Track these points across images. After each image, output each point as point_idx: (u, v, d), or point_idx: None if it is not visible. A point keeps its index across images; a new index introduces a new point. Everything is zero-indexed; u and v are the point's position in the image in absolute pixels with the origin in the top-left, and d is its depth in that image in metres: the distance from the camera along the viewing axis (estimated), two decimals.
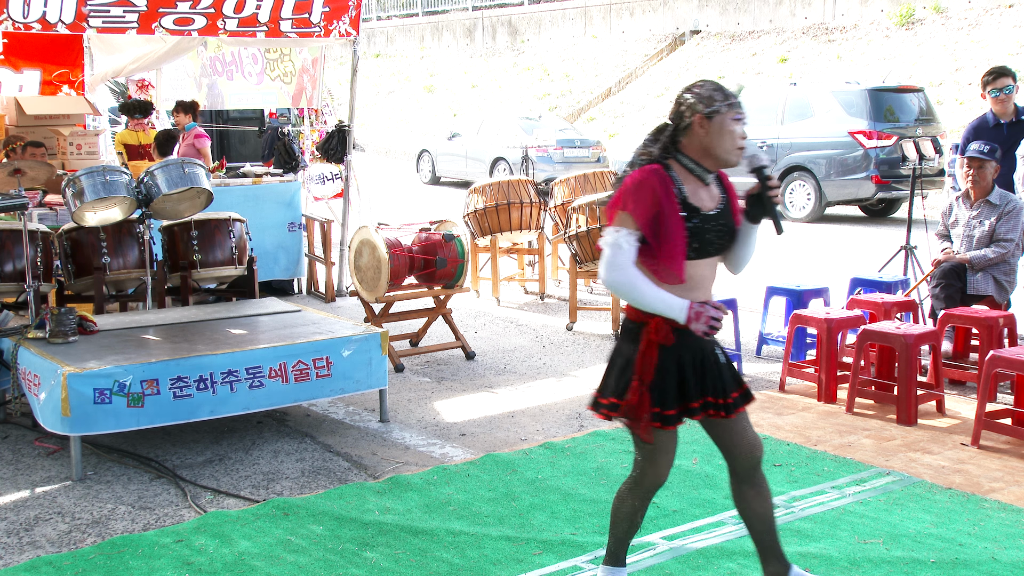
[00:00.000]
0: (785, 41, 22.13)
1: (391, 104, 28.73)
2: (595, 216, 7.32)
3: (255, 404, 5.03)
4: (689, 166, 3.08)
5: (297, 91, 11.23)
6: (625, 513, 3.31)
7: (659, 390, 3.04)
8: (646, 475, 3.20)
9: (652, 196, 2.99)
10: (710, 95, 3.05)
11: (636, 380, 3.04)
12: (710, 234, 3.06)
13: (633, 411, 3.04)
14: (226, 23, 7.79)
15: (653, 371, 3.03)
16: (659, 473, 3.18)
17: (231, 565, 3.72)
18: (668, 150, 3.11)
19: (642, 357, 3.03)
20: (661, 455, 3.15)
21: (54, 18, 7.09)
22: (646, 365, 3.03)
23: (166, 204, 6.31)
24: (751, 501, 3.26)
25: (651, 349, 3.03)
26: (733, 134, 3.04)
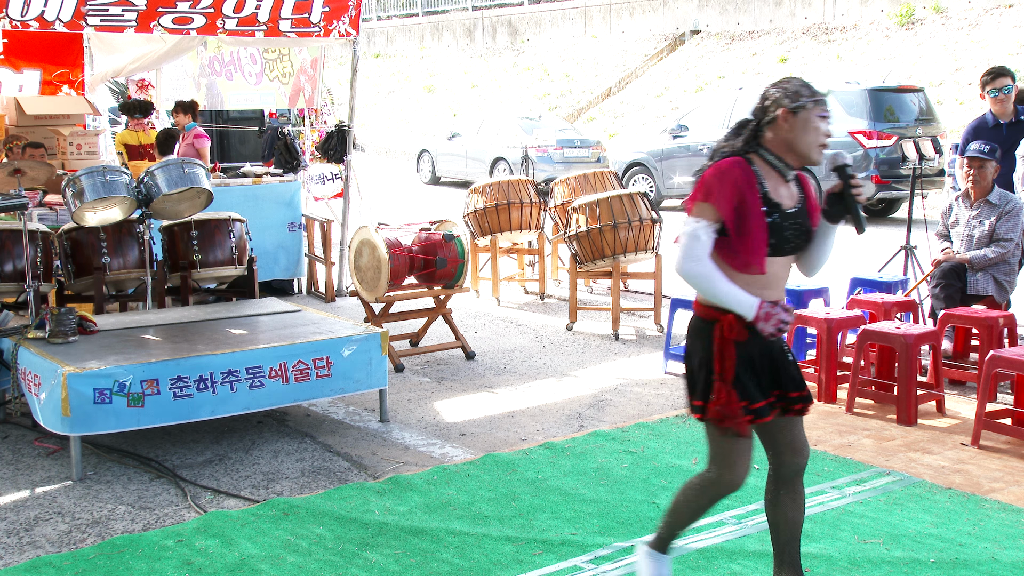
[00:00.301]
0: (785, 41, 22.12)
1: (391, 104, 28.73)
2: (595, 216, 7.32)
3: (255, 404, 5.03)
4: (771, 161, 3.06)
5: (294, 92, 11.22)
6: (690, 509, 3.25)
7: (742, 385, 3.02)
8: (723, 478, 3.13)
9: (734, 187, 2.98)
10: (796, 90, 3.04)
11: (717, 379, 3.01)
12: (788, 231, 3.04)
13: (726, 409, 3.01)
14: (225, 22, 7.79)
15: (732, 368, 3.01)
16: (736, 476, 3.13)
17: (231, 565, 3.71)
18: (750, 144, 3.09)
19: (719, 355, 3.02)
20: (742, 456, 3.10)
21: (52, 16, 7.09)
22: (725, 363, 3.01)
23: (166, 204, 6.31)
24: (786, 507, 3.23)
25: (727, 346, 3.01)
26: (817, 130, 3.02)
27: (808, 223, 3.12)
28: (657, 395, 5.99)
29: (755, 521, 4.06)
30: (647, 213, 7.42)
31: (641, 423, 5.36)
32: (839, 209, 3.11)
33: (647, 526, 4.02)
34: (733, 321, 2.99)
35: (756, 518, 4.09)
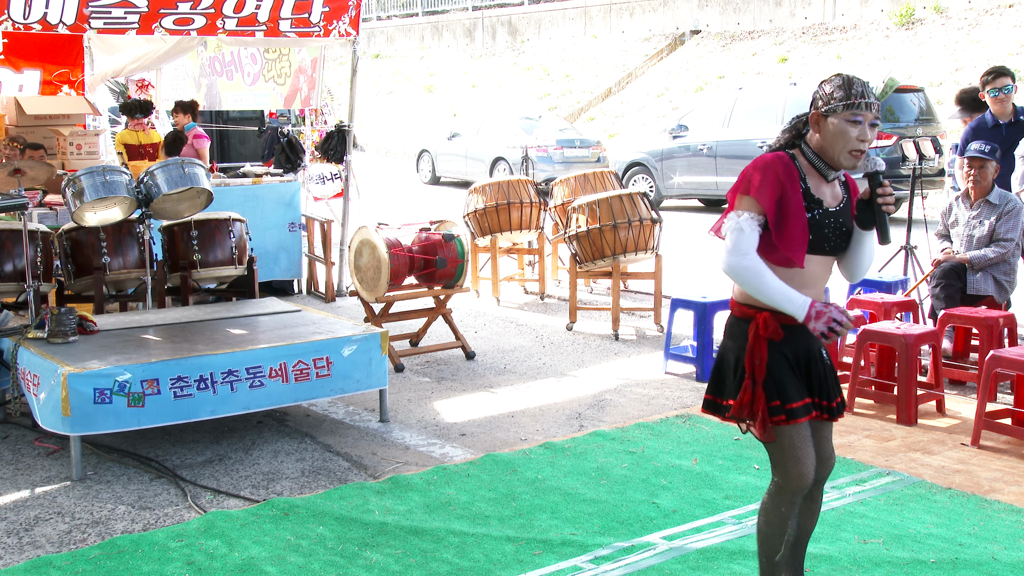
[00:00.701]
0: (785, 41, 22.12)
1: (391, 104, 28.72)
2: (595, 216, 7.32)
3: (255, 404, 5.03)
4: (811, 159, 3.00)
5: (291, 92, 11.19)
6: (775, 525, 3.08)
7: (775, 384, 2.93)
8: (790, 477, 2.99)
9: (776, 180, 2.91)
10: (832, 92, 2.94)
11: (748, 378, 2.94)
12: (827, 230, 2.97)
13: (748, 409, 2.94)
14: (225, 23, 7.79)
15: (764, 367, 2.93)
16: (803, 472, 2.98)
17: (232, 565, 3.71)
18: (794, 140, 3.04)
19: (751, 354, 2.94)
20: (802, 451, 2.97)
21: (55, 19, 7.09)
22: (756, 362, 2.93)
23: (166, 204, 6.31)
24: (801, 514, 3.16)
25: (760, 345, 2.93)
26: (846, 137, 2.92)
27: (850, 224, 3.03)
28: (657, 395, 5.99)
29: (755, 521, 4.06)
30: (647, 213, 7.42)
31: (641, 423, 5.36)
32: (868, 216, 3.02)
33: (647, 526, 4.03)
34: (769, 318, 2.92)
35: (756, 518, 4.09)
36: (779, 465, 3.00)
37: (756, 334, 2.93)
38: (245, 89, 11.69)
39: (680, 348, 6.59)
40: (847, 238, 3.04)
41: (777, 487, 3.04)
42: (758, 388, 2.92)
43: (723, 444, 5.01)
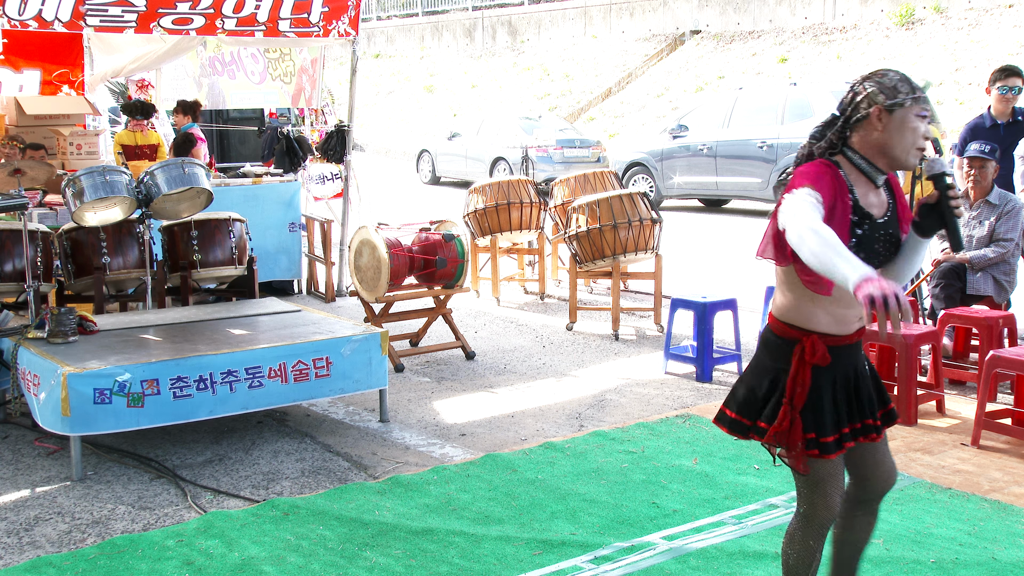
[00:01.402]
0: (785, 41, 22.12)
1: (391, 104, 28.73)
2: (595, 216, 7.32)
3: (254, 404, 5.03)
4: (860, 164, 2.74)
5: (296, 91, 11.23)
6: (803, 557, 2.90)
7: (813, 414, 2.74)
8: (817, 509, 2.82)
9: (832, 187, 2.65)
10: (894, 85, 2.69)
11: (786, 403, 2.74)
12: (877, 244, 2.73)
13: (785, 438, 2.74)
14: (225, 23, 7.79)
15: (806, 395, 2.73)
16: (831, 504, 2.81)
17: (231, 565, 3.72)
18: (836, 146, 2.77)
19: (793, 379, 2.73)
20: (830, 484, 2.79)
21: (51, 16, 7.09)
22: (798, 388, 2.73)
23: (166, 204, 6.31)
24: (858, 528, 3.01)
25: (804, 370, 2.73)
26: (916, 131, 2.69)
27: (898, 232, 2.80)
28: (657, 395, 5.99)
29: (755, 521, 4.07)
30: (647, 213, 7.42)
31: (641, 423, 5.36)
32: (932, 222, 2.75)
33: (647, 526, 4.03)
34: (817, 342, 2.72)
35: (756, 518, 4.10)
36: (806, 496, 2.85)
37: (801, 359, 2.73)
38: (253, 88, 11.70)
39: (680, 348, 6.59)
40: (896, 248, 2.81)
41: (804, 518, 2.87)
42: (796, 415, 2.74)
43: (723, 444, 5.01)
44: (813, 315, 2.75)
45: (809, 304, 2.75)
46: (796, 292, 2.76)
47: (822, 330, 2.75)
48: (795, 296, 2.77)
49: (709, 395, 5.97)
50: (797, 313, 2.77)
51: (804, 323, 2.76)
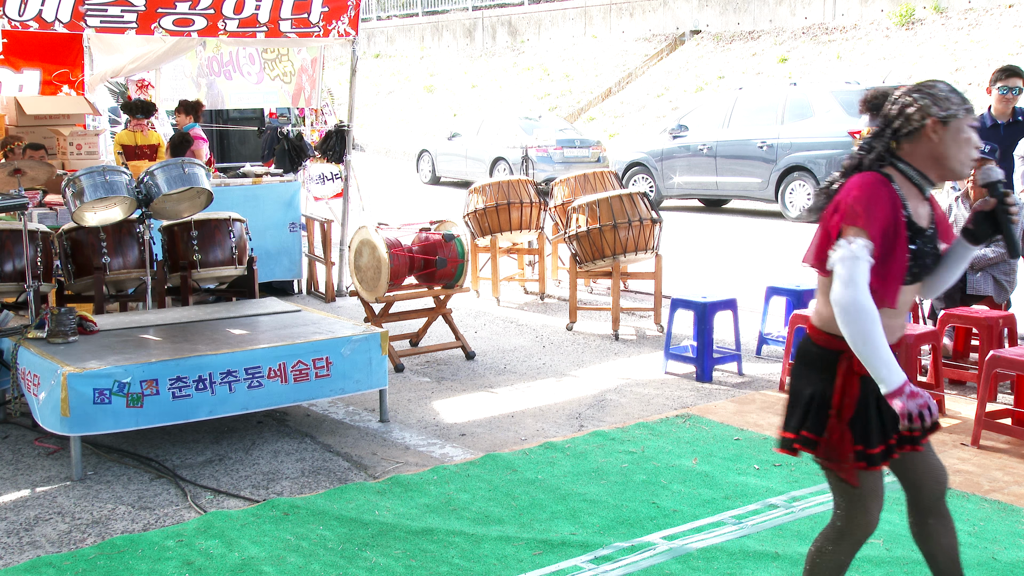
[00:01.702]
0: (785, 41, 22.13)
1: (391, 104, 28.73)
2: (595, 216, 7.32)
3: (253, 404, 5.03)
4: (912, 176, 2.72)
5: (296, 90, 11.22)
6: (829, 570, 2.88)
7: (861, 426, 2.72)
8: (856, 524, 2.81)
9: (887, 209, 2.62)
10: (946, 96, 2.69)
11: (834, 416, 2.72)
12: (928, 258, 2.74)
13: (835, 451, 2.72)
14: (227, 24, 7.79)
15: (854, 406, 2.71)
16: (870, 520, 2.80)
17: (231, 565, 3.71)
18: (885, 158, 2.74)
19: (841, 391, 2.71)
20: (871, 499, 2.79)
21: (51, 17, 7.08)
22: (846, 399, 2.71)
23: (166, 204, 6.31)
24: (937, 535, 2.96)
25: (852, 381, 2.70)
26: (970, 142, 2.70)
27: (939, 243, 2.79)
28: (657, 395, 5.99)
29: (755, 521, 4.06)
30: (647, 213, 7.42)
31: (641, 423, 5.36)
32: (986, 229, 2.78)
33: (647, 526, 4.03)
34: None
35: (756, 518, 4.09)
36: (845, 510, 2.82)
37: (850, 370, 2.71)
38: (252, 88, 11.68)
39: (680, 348, 6.59)
40: (938, 258, 2.82)
41: (839, 532, 2.84)
42: (845, 428, 2.71)
43: (723, 444, 5.01)
44: None
45: None
46: None
47: None
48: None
49: (709, 395, 5.97)
50: None
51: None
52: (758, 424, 5.34)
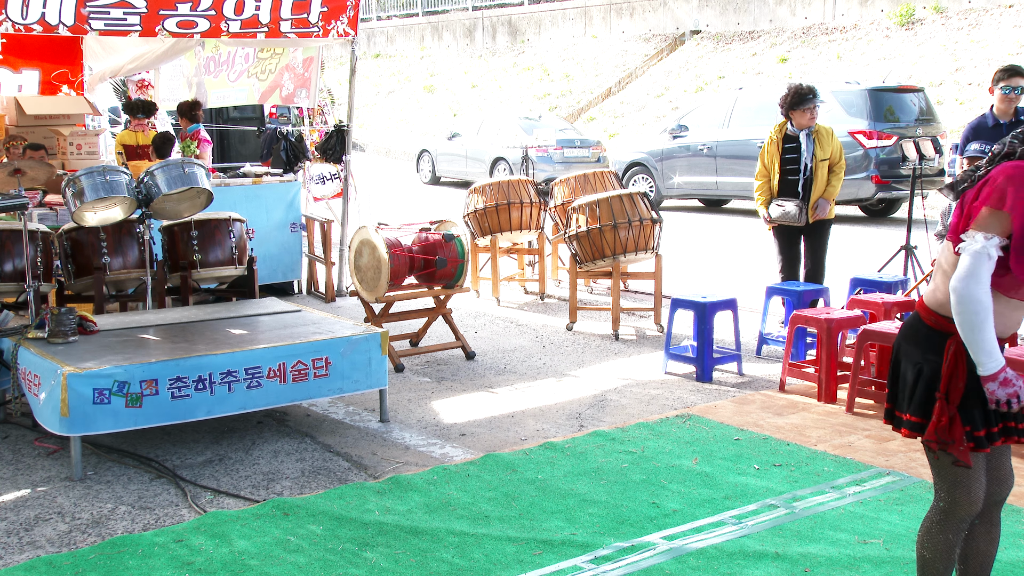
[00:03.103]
0: (785, 41, 22.12)
1: (391, 104, 28.73)
2: (595, 216, 7.32)
3: (252, 404, 5.03)
4: None
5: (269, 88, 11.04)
6: (941, 552, 2.89)
7: (967, 410, 2.74)
8: (959, 504, 2.82)
9: None
10: None
11: (941, 399, 2.73)
12: None
13: (946, 433, 2.73)
14: (229, 25, 7.79)
15: (963, 389, 2.72)
16: (974, 500, 2.81)
17: (231, 565, 3.71)
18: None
19: (949, 373, 2.71)
20: (974, 478, 2.80)
21: (54, 20, 7.08)
22: (955, 382, 2.71)
23: (166, 204, 6.31)
24: (979, 538, 2.98)
25: (961, 365, 2.71)
26: None
27: None
28: (657, 395, 5.99)
29: (755, 521, 4.06)
30: (647, 213, 7.42)
31: (641, 423, 5.36)
32: None
33: (647, 526, 4.03)
34: None
35: (756, 518, 4.09)
36: (948, 490, 2.83)
37: (958, 353, 2.71)
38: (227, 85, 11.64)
39: (680, 348, 6.59)
40: None
41: (943, 512, 2.86)
42: (955, 411, 2.72)
43: (723, 444, 5.01)
44: None
45: None
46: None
47: None
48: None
49: (709, 395, 5.97)
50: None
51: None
52: (758, 424, 5.34)
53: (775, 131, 7.24)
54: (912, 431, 2.83)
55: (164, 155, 8.81)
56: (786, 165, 7.14)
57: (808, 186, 7.08)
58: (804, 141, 7.06)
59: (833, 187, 7.11)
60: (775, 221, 7.19)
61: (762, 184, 7.28)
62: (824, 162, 7.07)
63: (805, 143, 7.06)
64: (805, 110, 7.01)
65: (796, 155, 7.11)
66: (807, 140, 7.07)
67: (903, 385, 2.85)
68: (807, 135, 7.07)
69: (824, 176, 7.07)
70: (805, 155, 7.06)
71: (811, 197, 7.07)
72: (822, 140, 7.09)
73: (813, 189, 7.06)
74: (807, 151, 7.05)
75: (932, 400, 2.76)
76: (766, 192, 7.25)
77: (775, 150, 7.19)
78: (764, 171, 7.29)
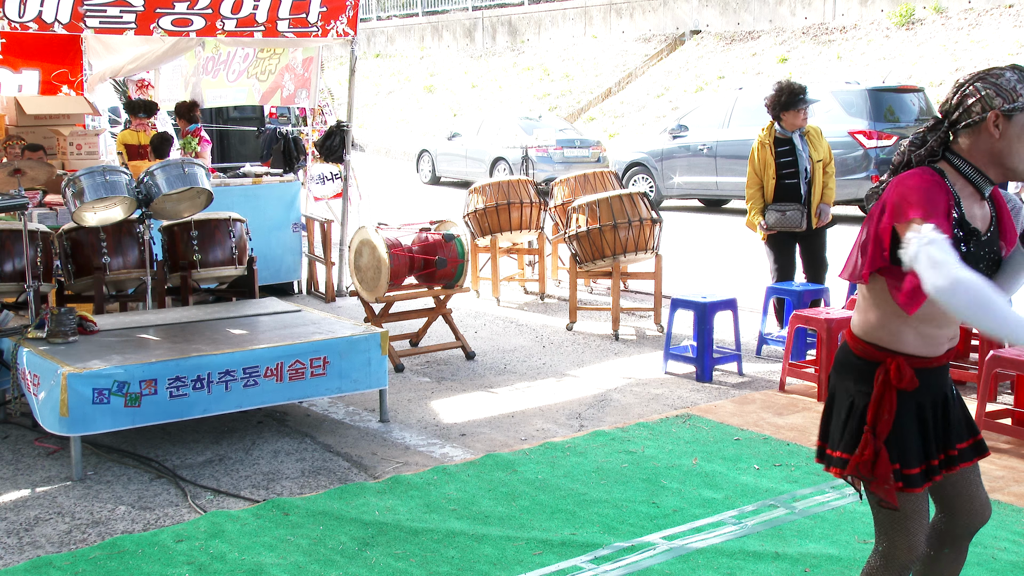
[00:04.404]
0: (785, 41, 22.12)
1: (391, 104, 28.73)
2: (595, 216, 7.32)
3: (248, 402, 5.02)
4: (968, 173, 2.47)
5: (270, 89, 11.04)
6: None
7: (898, 444, 2.52)
8: (897, 548, 2.58)
9: (945, 205, 2.37)
10: (1013, 87, 2.40)
11: (868, 432, 2.51)
12: (981, 264, 2.46)
13: (868, 469, 2.51)
14: (225, 24, 7.79)
15: (891, 423, 2.50)
16: (914, 544, 2.57)
17: (232, 565, 3.71)
18: (937, 152, 2.50)
19: (876, 405, 2.51)
20: (913, 521, 2.56)
21: (50, 18, 7.08)
22: (881, 415, 2.50)
23: (166, 204, 6.31)
24: (943, 566, 2.76)
25: (889, 395, 2.50)
26: None
27: (999, 249, 2.54)
28: (657, 395, 5.99)
29: (755, 521, 4.06)
30: (647, 213, 7.42)
31: (641, 423, 5.36)
32: None
33: (647, 526, 4.03)
34: (903, 364, 2.49)
35: (756, 518, 4.09)
36: (886, 534, 2.61)
37: (886, 383, 2.50)
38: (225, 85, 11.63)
39: (680, 348, 6.59)
40: (997, 266, 2.55)
41: (883, 557, 2.63)
42: (880, 445, 2.51)
43: (723, 444, 5.01)
44: (901, 334, 2.52)
45: (897, 322, 2.52)
46: (883, 309, 2.53)
47: (909, 351, 2.52)
48: (881, 314, 2.54)
49: (709, 395, 5.97)
50: (883, 332, 2.54)
51: (890, 343, 2.53)
52: (758, 424, 5.34)
53: (764, 134, 6.84)
54: (841, 468, 2.60)
55: (162, 155, 8.81)
56: (782, 169, 6.75)
57: (810, 190, 6.76)
58: (798, 143, 6.73)
59: (831, 190, 6.83)
60: (774, 228, 6.83)
61: (754, 192, 6.86)
62: (819, 163, 6.77)
63: (800, 145, 6.73)
64: (798, 111, 6.65)
65: (791, 158, 6.75)
66: (801, 142, 6.74)
67: (836, 420, 2.64)
68: (800, 137, 6.74)
69: (820, 178, 6.78)
70: (803, 158, 6.71)
71: (812, 201, 6.77)
72: (814, 141, 6.79)
73: (813, 193, 6.76)
74: (804, 154, 6.72)
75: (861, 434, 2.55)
76: (760, 200, 6.84)
77: (768, 154, 6.79)
78: (756, 178, 6.86)
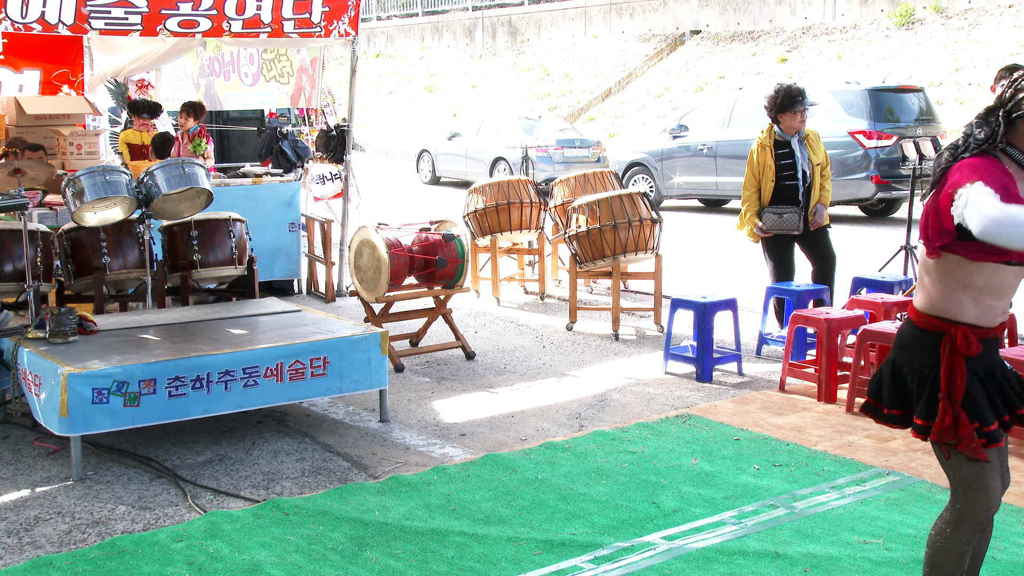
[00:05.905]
0: (785, 41, 22.12)
1: (391, 104, 28.73)
2: (595, 216, 7.32)
3: (248, 403, 5.02)
4: (1021, 160, 2.68)
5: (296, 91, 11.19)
6: (954, 555, 2.85)
7: (973, 405, 2.72)
8: (977, 504, 2.78)
9: (1001, 181, 2.57)
10: None
11: (944, 399, 2.72)
12: None
13: (952, 433, 2.71)
14: (231, 25, 7.78)
15: (964, 387, 2.71)
16: (992, 499, 2.78)
17: (232, 565, 3.72)
18: (993, 142, 2.69)
19: (948, 372, 2.71)
20: (992, 478, 2.76)
21: (54, 19, 7.08)
22: (954, 382, 2.71)
23: (166, 204, 6.31)
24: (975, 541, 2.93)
25: (959, 361, 2.70)
26: None
27: None
28: (657, 395, 5.99)
29: (755, 521, 4.07)
30: (647, 213, 7.42)
31: (641, 423, 5.37)
32: None
33: (647, 526, 4.03)
34: (968, 333, 2.70)
35: (756, 518, 4.10)
36: (965, 492, 2.79)
37: (954, 351, 2.71)
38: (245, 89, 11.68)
39: (680, 348, 6.59)
40: None
41: (959, 515, 2.81)
42: (958, 409, 2.71)
43: (723, 444, 5.01)
44: (963, 306, 2.74)
45: (960, 295, 2.74)
46: (946, 283, 2.75)
47: (971, 321, 2.74)
48: (944, 287, 2.75)
49: (709, 395, 5.97)
50: (947, 303, 2.76)
51: (954, 315, 2.75)
52: (758, 424, 5.34)
53: (764, 137, 6.87)
54: (919, 433, 2.82)
55: (163, 155, 8.81)
56: (781, 172, 6.78)
57: (808, 193, 6.79)
58: (797, 146, 6.76)
59: (827, 191, 6.86)
60: (771, 230, 6.84)
61: (751, 194, 6.88)
62: (818, 167, 6.81)
63: (799, 148, 6.77)
64: (795, 112, 6.68)
65: (790, 161, 6.78)
66: (800, 145, 6.78)
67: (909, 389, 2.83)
68: (798, 140, 6.77)
69: (818, 181, 6.81)
70: (801, 161, 6.74)
71: (809, 203, 6.80)
72: (813, 145, 6.82)
73: (812, 196, 6.79)
74: (802, 157, 6.75)
75: (937, 402, 2.75)
76: (756, 203, 6.86)
77: (767, 156, 6.81)
78: (753, 180, 6.89)
